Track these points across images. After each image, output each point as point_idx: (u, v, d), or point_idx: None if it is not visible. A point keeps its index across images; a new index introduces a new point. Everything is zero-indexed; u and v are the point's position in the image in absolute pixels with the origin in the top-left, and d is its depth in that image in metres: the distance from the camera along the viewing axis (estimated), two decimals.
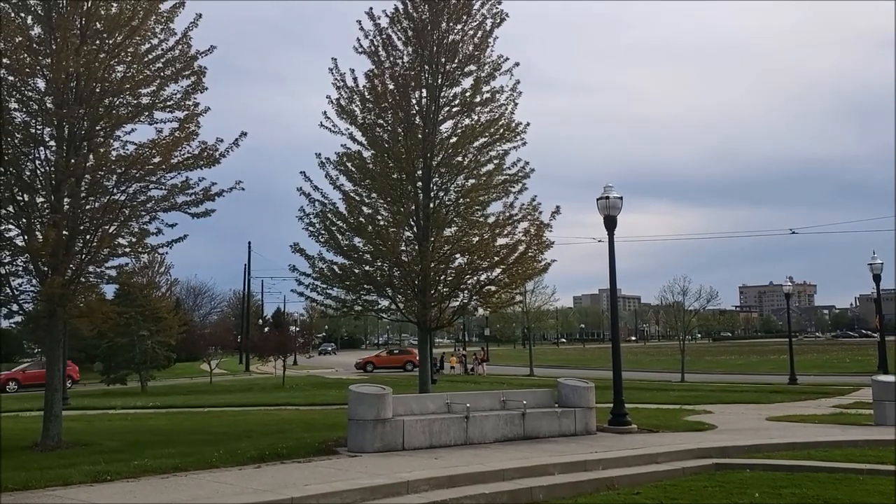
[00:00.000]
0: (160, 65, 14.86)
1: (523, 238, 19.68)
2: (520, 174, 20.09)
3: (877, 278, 28.50)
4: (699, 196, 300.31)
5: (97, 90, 14.24)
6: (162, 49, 14.99)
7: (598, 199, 17.03)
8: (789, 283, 42.34)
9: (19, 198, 14.32)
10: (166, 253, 17.19)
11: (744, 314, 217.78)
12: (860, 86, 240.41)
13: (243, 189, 15.50)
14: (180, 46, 15.01)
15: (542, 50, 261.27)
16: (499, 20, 19.95)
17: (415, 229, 19.54)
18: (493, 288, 20.12)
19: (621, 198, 16.90)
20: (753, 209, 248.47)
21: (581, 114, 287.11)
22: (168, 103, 15.00)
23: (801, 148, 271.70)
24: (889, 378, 18.32)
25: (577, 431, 14.44)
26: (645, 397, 25.14)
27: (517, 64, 19.93)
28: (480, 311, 27.97)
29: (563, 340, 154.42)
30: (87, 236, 14.51)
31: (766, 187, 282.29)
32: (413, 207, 19.52)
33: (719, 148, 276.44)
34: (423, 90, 19.84)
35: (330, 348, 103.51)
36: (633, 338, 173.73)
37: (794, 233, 35.39)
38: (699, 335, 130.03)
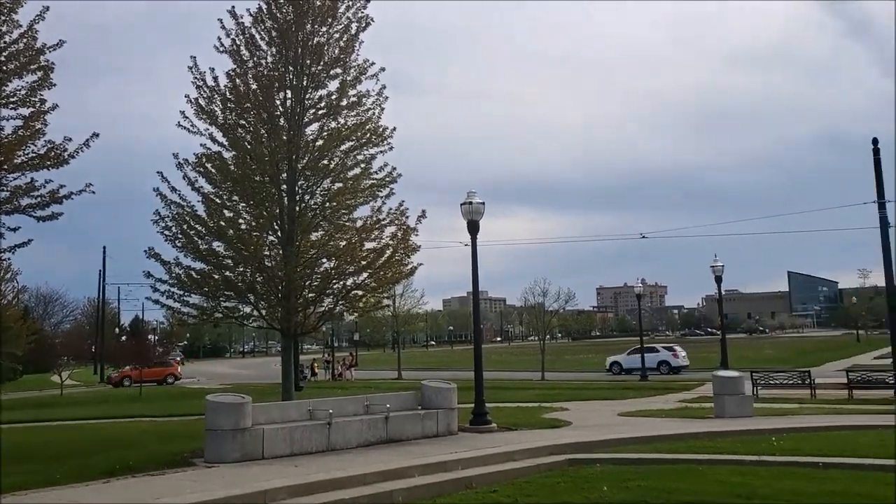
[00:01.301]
0: (2, 58, 13.93)
1: (391, 242, 19.78)
2: (387, 179, 20.20)
3: (718, 279, 30.58)
4: (564, 202, 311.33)
5: None
6: (4, 42, 14.06)
7: (461, 205, 17.36)
8: (640, 285, 44.79)
9: None
10: (9, 259, 16.12)
11: (600, 314, 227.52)
12: (709, 100, 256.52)
13: (93, 192, 14.73)
14: (25, 39, 14.12)
15: (416, 56, 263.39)
16: (364, 24, 20.01)
17: (279, 233, 19.25)
18: (359, 292, 20.11)
19: (484, 203, 17.29)
20: (611, 214, 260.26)
21: (455, 120, 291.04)
22: (11, 99, 14.08)
23: (655, 157, 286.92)
24: (727, 373, 19.74)
25: (440, 432, 14.67)
26: (507, 396, 25.83)
27: (383, 69, 20.05)
28: (348, 316, 27.84)
29: (433, 343, 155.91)
30: None
31: (623, 194, 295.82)
32: (277, 211, 19.23)
33: (583, 156, 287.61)
34: (288, 91, 19.61)
35: (178, 357, 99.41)
36: (499, 338, 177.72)
37: (643, 237, 37.12)
38: (559, 335, 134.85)
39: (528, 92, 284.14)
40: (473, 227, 17.14)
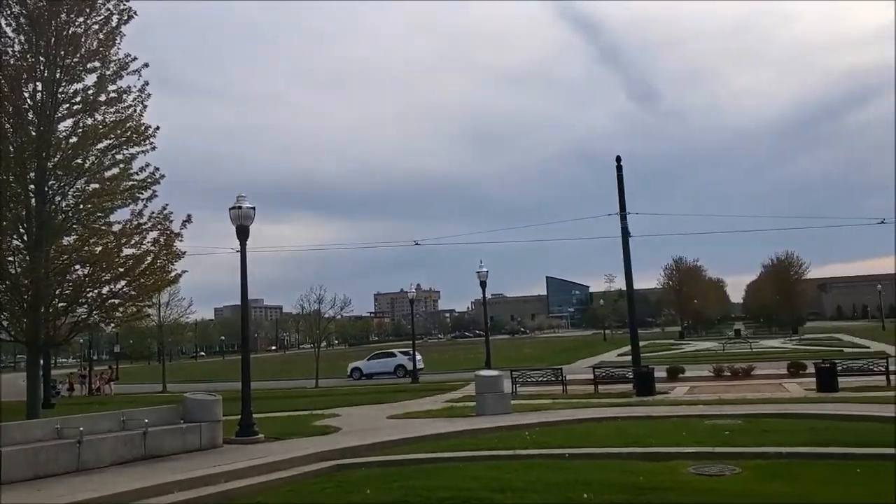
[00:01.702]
0: None
1: (152, 248, 18.89)
2: (149, 180, 19.29)
3: (483, 284, 32.29)
4: (344, 208, 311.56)
5: None
6: None
7: (230, 209, 16.81)
8: (413, 291, 46.14)
9: None
10: None
11: (378, 319, 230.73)
12: (482, 115, 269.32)
13: None
14: None
15: (185, 54, 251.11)
16: (126, 17, 19.03)
17: (25, 237, 17.70)
18: (116, 301, 18.99)
19: (254, 208, 16.90)
20: (389, 221, 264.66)
21: (231, 122, 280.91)
22: None
23: (431, 167, 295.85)
24: (488, 373, 20.90)
25: (204, 446, 14.20)
26: (279, 405, 25.44)
27: (146, 65, 19.15)
28: (104, 326, 26.03)
29: (203, 354, 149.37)
30: None
31: (400, 202, 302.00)
32: (24, 212, 17.68)
33: (363, 164, 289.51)
34: (39, 84, 18.14)
35: None
36: (273, 347, 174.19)
37: (417, 244, 38.24)
38: (336, 341, 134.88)
39: (310, 96, 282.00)
40: (243, 233, 16.74)
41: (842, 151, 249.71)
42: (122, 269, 18.08)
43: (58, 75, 18.28)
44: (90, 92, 18.60)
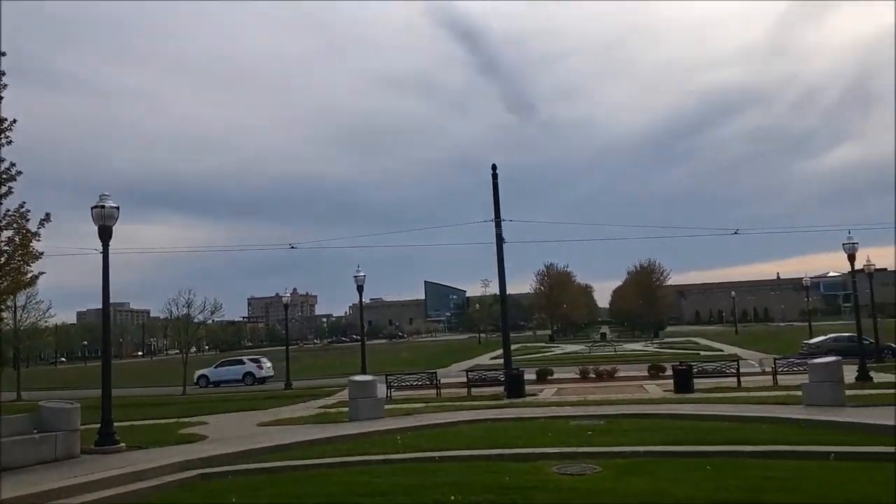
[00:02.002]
0: None
1: (6, 248, 17.79)
2: (3, 177, 18.11)
3: (360, 289, 32.15)
4: (219, 209, 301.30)
5: None
6: None
7: (92, 208, 15.98)
8: (288, 295, 45.37)
9: None
10: None
11: (251, 324, 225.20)
12: (362, 118, 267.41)
13: None
14: None
15: (52, 46, 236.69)
16: None
17: None
18: None
19: (118, 207, 16.13)
20: (266, 224, 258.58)
21: (105, 120, 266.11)
22: None
23: (308, 169, 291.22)
24: (362, 378, 20.87)
25: (59, 457, 13.46)
26: (144, 413, 24.42)
27: (3, 53, 17.94)
28: None
29: (63, 359, 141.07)
30: None
31: (276, 204, 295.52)
32: None
33: (238, 165, 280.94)
34: None
35: None
36: (140, 352, 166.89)
37: (293, 247, 37.75)
38: (207, 347, 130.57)
39: (181, 93, 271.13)
40: (105, 233, 15.93)
41: (701, 165, 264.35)
42: None
43: None
44: None
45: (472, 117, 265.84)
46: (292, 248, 37.74)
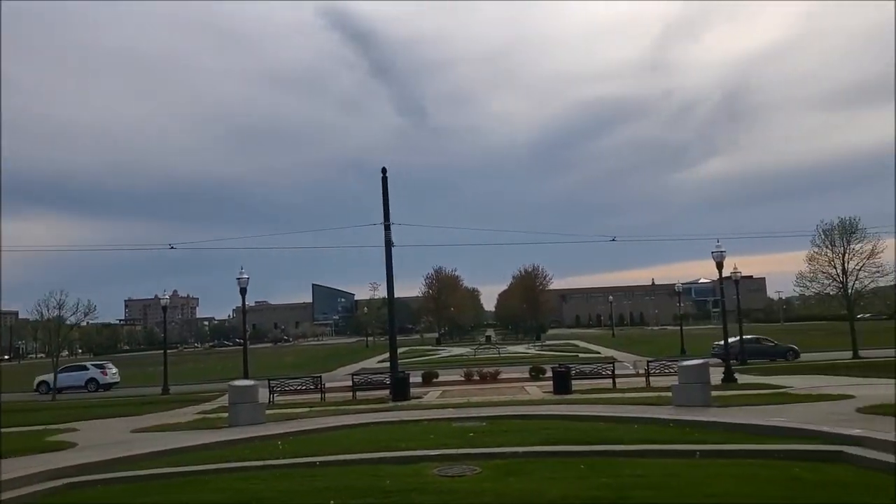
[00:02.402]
0: None
1: None
2: None
3: (243, 291, 31.36)
4: (92, 208, 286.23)
5: None
6: None
7: None
8: (167, 297, 43.82)
9: None
10: None
11: (128, 327, 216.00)
12: (250, 116, 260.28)
13: None
14: None
15: None
16: None
17: None
18: None
19: None
20: (143, 223, 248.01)
21: None
22: None
23: (193, 167, 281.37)
24: (242, 382, 20.42)
25: None
26: (9, 420, 23.02)
27: None
28: None
29: None
30: None
31: (157, 203, 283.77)
32: None
33: (117, 161, 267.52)
34: None
35: None
36: (7, 356, 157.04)
37: (172, 248, 36.47)
38: (80, 350, 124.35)
39: (57, 85, 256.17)
40: None
41: (584, 174, 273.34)
42: None
43: None
44: None
45: (363, 119, 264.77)
46: (172, 248, 36.34)
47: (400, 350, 33.24)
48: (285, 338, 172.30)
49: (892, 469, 9.72)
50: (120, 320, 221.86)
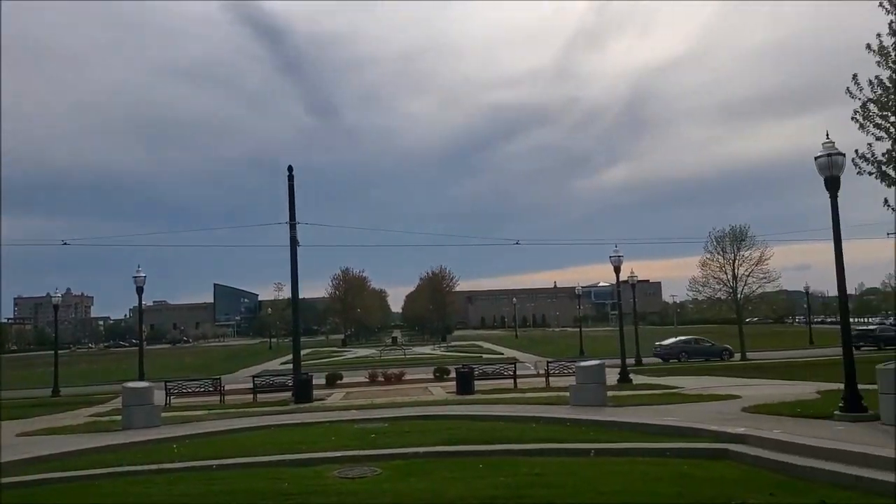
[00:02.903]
0: None
1: None
2: None
3: (139, 290, 30.35)
4: None
5: None
6: None
7: None
8: (59, 295, 41.90)
9: None
10: None
11: (17, 326, 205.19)
12: (153, 110, 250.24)
13: None
14: None
15: None
16: None
17: None
18: None
19: None
20: (36, 219, 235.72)
21: None
22: None
23: (90, 161, 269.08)
24: (136, 384, 19.78)
25: None
26: None
27: None
28: None
29: None
30: None
31: (51, 197, 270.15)
32: None
33: (10, 153, 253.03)
34: None
35: None
36: None
37: (65, 244, 34.85)
38: None
39: None
40: None
41: (492, 179, 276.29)
42: None
43: None
44: None
45: (272, 117, 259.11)
46: (65, 244, 34.75)
47: (304, 351, 32.89)
48: (185, 339, 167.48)
49: (772, 466, 10.32)
50: (8, 319, 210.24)
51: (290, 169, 29.25)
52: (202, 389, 27.48)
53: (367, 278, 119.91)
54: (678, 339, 47.47)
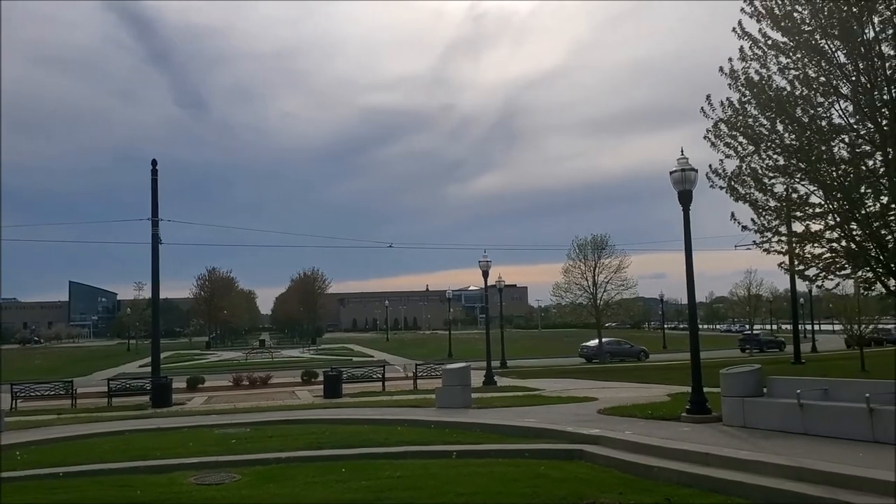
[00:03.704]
0: None
1: None
2: None
3: None
4: None
5: None
6: None
7: None
8: None
9: None
10: None
11: None
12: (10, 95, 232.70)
13: None
14: None
15: None
16: None
17: None
18: None
19: None
20: None
21: None
22: None
23: None
24: None
25: None
26: None
27: None
28: None
29: None
30: None
31: None
32: None
33: None
34: None
35: None
36: None
37: None
38: None
39: None
40: None
41: (367, 181, 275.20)
42: None
43: None
44: None
45: (138, 107, 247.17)
46: None
47: (165, 354, 31.71)
48: (35, 338, 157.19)
49: (623, 466, 10.87)
50: None
51: (153, 163, 28.27)
52: (53, 393, 26.00)
53: (235, 279, 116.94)
54: (604, 339, 49.82)
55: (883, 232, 16.40)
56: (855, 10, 15.74)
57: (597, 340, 49.54)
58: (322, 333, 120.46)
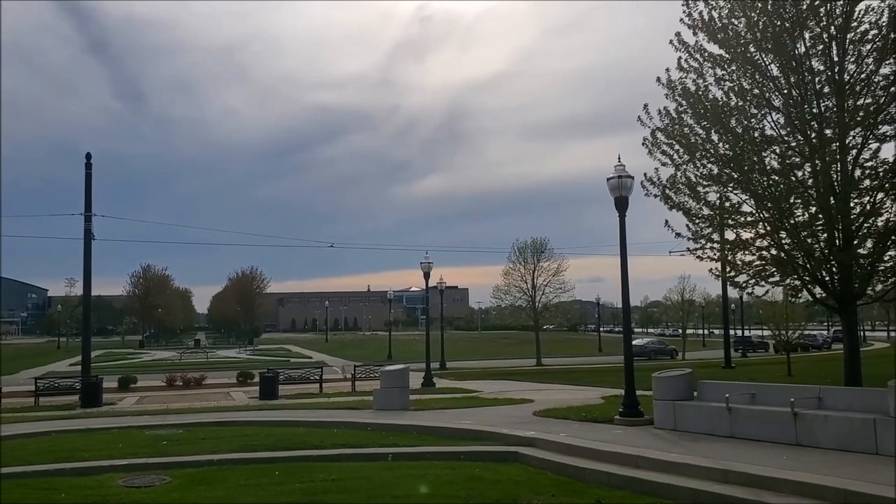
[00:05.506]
0: None
1: None
2: None
3: None
4: None
5: None
6: None
7: None
8: None
9: None
10: None
11: None
12: None
13: None
14: None
15: None
16: None
17: None
18: None
19: None
20: None
21: None
22: None
23: None
24: None
25: None
26: None
27: None
28: None
29: None
30: None
31: None
32: None
33: None
34: None
35: None
36: None
37: None
38: None
39: None
40: None
41: (309, 180, 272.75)
42: None
43: None
44: None
45: (74, 98, 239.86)
46: None
47: (97, 352, 30.91)
48: None
49: (556, 468, 11.01)
50: None
51: (87, 157, 27.62)
52: None
53: (171, 276, 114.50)
54: (647, 340, 54.78)
55: (810, 241, 17.01)
56: (787, 24, 16.31)
57: (641, 339, 52.37)
58: (260, 334, 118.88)
